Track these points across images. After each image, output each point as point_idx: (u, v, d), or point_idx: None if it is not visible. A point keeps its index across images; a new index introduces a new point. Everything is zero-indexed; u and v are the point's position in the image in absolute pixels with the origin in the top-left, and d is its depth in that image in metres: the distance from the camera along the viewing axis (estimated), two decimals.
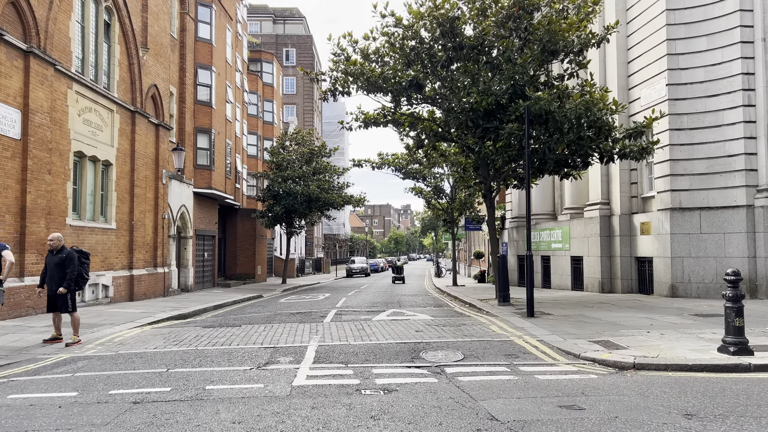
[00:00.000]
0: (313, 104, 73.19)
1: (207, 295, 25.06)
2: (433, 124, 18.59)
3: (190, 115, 28.77)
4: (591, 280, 21.25)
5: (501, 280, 16.70)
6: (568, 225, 23.07)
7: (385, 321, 13.69)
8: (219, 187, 31.05)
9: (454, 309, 17.32)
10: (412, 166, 29.97)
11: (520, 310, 15.58)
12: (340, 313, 16.02)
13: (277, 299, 24.38)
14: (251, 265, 38.50)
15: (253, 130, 43.75)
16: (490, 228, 18.77)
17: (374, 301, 21.01)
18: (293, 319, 14.87)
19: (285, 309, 18.47)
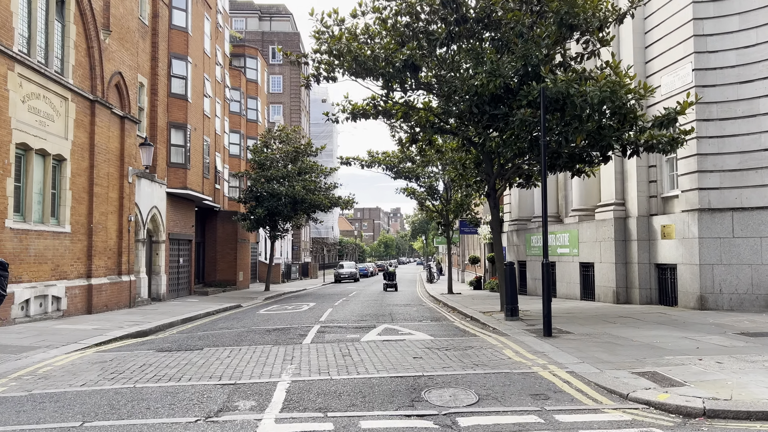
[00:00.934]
0: (301, 104, 70.95)
1: (179, 306, 22.75)
2: (430, 114, 16.46)
3: (163, 108, 26.47)
4: (604, 289, 19.17)
5: (509, 291, 14.56)
6: (576, 228, 21.01)
7: (377, 342, 11.49)
8: (196, 188, 28.74)
9: (454, 324, 15.15)
10: (405, 164, 27.83)
11: (532, 326, 13.44)
12: (323, 331, 13.79)
13: (256, 310, 22.16)
14: (232, 271, 36.17)
15: (236, 128, 41.47)
16: (494, 231, 16.64)
17: (363, 313, 18.80)
18: (267, 338, 12.63)
19: (261, 323, 16.23)
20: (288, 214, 33.45)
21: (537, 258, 24.41)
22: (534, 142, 13.54)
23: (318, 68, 16.28)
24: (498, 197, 16.60)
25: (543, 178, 11.86)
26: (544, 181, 11.93)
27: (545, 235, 11.91)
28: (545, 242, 11.88)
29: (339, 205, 35.12)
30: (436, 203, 29.09)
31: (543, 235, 11.95)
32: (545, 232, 11.91)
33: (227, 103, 38.95)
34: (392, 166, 27.16)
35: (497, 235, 16.65)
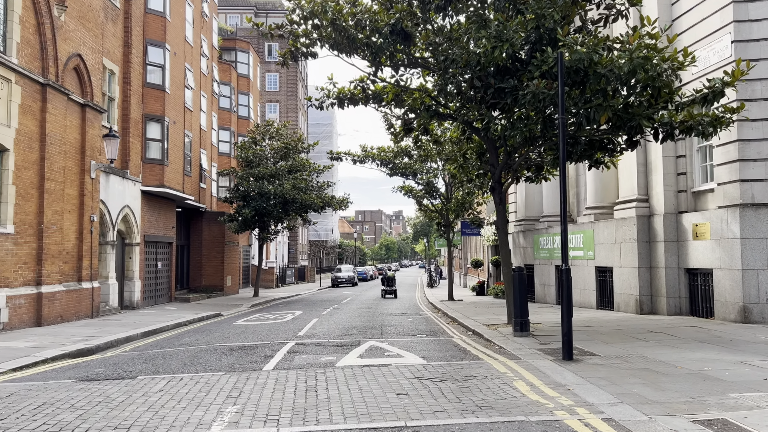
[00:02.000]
0: (298, 102, 68.78)
1: (150, 315, 20.51)
2: (425, 95, 14.20)
3: (138, 99, 24.26)
4: (624, 298, 16.85)
5: (518, 302, 12.27)
6: (591, 228, 18.70)
7: (355, 369, 9.19)
8: (175, 186, 26.51)
9: (453, 340, 12.85)
10: (401, 160, 25.53)
11: (546, 344, 11.15)
12: (295, 350, 11.50)
13: (235, 319, 19.93)
14: (219, 275, 33.91)
15: (226, 125, 39.28)
16: (500, 231, 14.35)
17: (351, 325, 16.52)
18: (224, 361, 10.35)
19: (230, 339, 13.97)
20: (278, 215, 31.19)
21: (546, 262, 22.11)
22: (548, 124, 11.26)
23: (296, 42, 14.05)
24: (504, 192, 14.31)
25: (562, 163, 9.57)
26: (563, 167, 9.64)
27: (564, 233, 9.62)
28: (564, 241, 9.59)
29: (332, 205, 32.82)
30: (436, 202, 26.79)
31: (562, 232, 9.66)
32: (564, 229, 9.62)
33: (215, 97, 36.79)
34: (387, 162, 24.86)
35: (503, 236, 14.36)
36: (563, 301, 9.62)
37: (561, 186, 9.71)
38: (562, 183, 9.69)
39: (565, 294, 9.61)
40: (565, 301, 9.60)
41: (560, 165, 9.58)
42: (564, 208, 9.71)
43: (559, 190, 9.76)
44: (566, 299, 9.61)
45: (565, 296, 9.61)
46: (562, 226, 9.68)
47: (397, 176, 26.16)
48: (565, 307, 9.58)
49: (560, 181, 9.70)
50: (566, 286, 9.61)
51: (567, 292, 9.61)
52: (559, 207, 22.10)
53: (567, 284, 9.62)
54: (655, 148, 16.01)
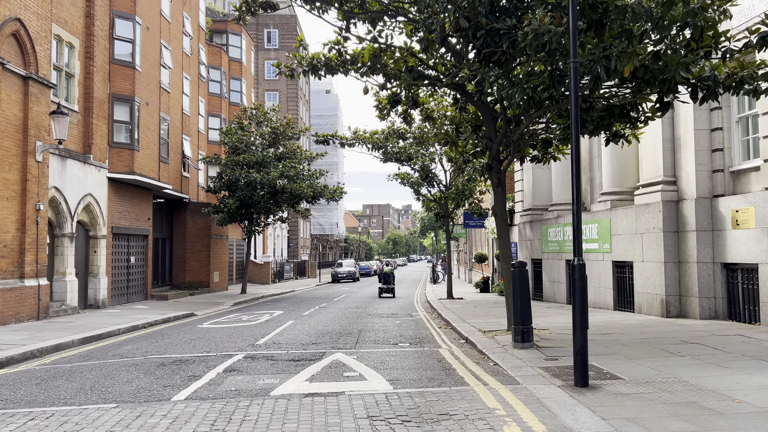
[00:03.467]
0: (299, 92, 66.43)
1: (111, 316, 18.27)
2: (408, 55, 11.76)
3: (103, 76, 21.95)
4: (647, 298, 14.34)
5: (520, 306, 9.82)
6: (607, 217, 16.19)
7: (291, 403, 6.78)
8: (148, 173, 24.22)
9: (440, 353, 10.42)
10: (395, 143, 23.05)
11: (553, 361, 8.70)
12: (235, 368, 9.12)
13: (203, 321, 17.68)
14: (205, 271, 31.62)
15: (216, 111, 36.98)
16: (498, 219, 11.88)
17: (326, 330, 14.15)
18: (134, 384, 8.00)
19: (175, 347, 11.65)
20: (266, 206, 28.84)
21: (555, 256, 19.62)
22: (555, 78, 8.78)
23: None
24: (504, 172, 11.82)
25: (574, 122, 7.12)
26: (576, 127, 7.17)
27: (577, 219, 7.17)
28: (577, 227, 7.13)
29: (324, 195, 30.38)
30: (434, 191, 24.30)
31: (574, 218, 7.21)
32: (578, 211, 7.16)
33: (203, 81, 34.47)
34: (379, 146, 22.38)
35: (503, 224, 11.89)
36: (576, 306, 7.16)
37: (573, 153, 7.24)
38: (575, 150, 7.21)
39: (578, 297, 7.15)
40: (579, 306, 7.14)
41: (572, 124, 7.12)
42: (577, 180, 7.24)
43: (571, 160, 7.29)
44: (579, 304, 7.15)
45: (578, 300, 7.15)
46: (574, 208, 7.22)
47: (392, 162, 23.69)
48: (579, 316, 7.13)
49: (572, 149, 7.23)
50: (579, 286, 7.15)
51: (581, 296, 7.16)
52: (571, 190, 19.63)
53: (581, 284, 7.16)
54: (684, 119, 13.47)
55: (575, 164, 7.27)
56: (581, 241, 7.19)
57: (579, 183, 7.25)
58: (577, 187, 7.24)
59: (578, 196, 7.21)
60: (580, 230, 7.18)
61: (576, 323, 7.14)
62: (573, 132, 7.19)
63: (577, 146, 7.23)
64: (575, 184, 7.23)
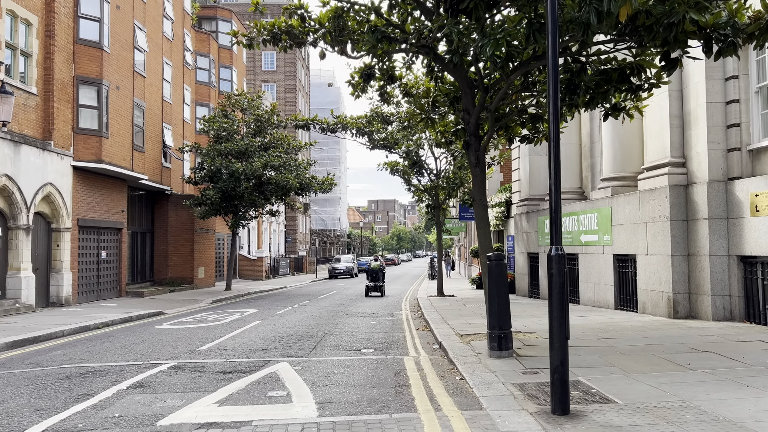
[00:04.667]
0: (297, 83, 64.77)
1: (68, 315, 16.80)
2: (372, 12, 10.13)
3: (66, 57, 20.40)
4: (652, 296, 12.64)
5: (496, 306, 8.19)
6: (608, 205, 14.48)
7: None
8: (119, 162, 22.67)
9: (403, 363, 8.78)
10: (383, 129, 21.36)
11: (533, 375, 7.05)
12: (144, 384, 7.51)
13: (167, 320, 16.31)
14: (188, 266, 30.08)
15: (204, 100, 35.45)
16: (477, 204, 10.20)
17: (289, 332, 12.57)
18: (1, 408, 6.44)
19: (108, 354, 10.12)
20: (251, 198, 27.25)
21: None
22: (534, 26, 7.10)
23: None
24: (483, 150, 10.11)
25: (551, 75, 5.46)
26: (555, 82, 5.51)
27: (555, 196, 5.52)
28: (555, 208, 5.49)
29: (312, 186, 28.74)
30: (425, 181, 22.61)
31: (552, 195, 5.57)
32: (555, 184, 5.52)
33: (188, 68, 32.91)
34: (363, 131, 20.70)
35: (481, 211, 10.21)
36: (553, 309, 5.52)
37: (551, 114, 5.58)
38: (552, 111, 5.56)
39: (556, 298, 5.50)
40: (557, 310, 5.50)
41: (549, 76, 5.46)
42: (556, 155, 5.59)
43: (549, 122, 5.63)
44: (558, 308, 5.50)
45: (556, 302, 5.51)
46: (552, 181, 5.57)
47: (380, 150, 22.04)
48: (557, 323, 5.48)
49: (549, 109, 5.57)
50: (558, 284, 5.51)
51: (559, 296, 5.50)
52: (568, 183, 17.90)
53: (559, 281, 5.52)
54: (695, 91, 11.74)
55: (553, 126, 5.61)
56: (560, 224, 5.54)
57: (558, 148, 5.60)
58: (555, 155, 5.59)
59: (557, 162, 5.56)
60: (559, 210, 5.53)
61: (553, 332, 5.49)
62: (550, 84, 5.53)
63: (555, 104, 5.58)
64: (553, 152, 5.57)
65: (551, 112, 5.63)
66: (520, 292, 20.78)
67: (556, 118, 5.64)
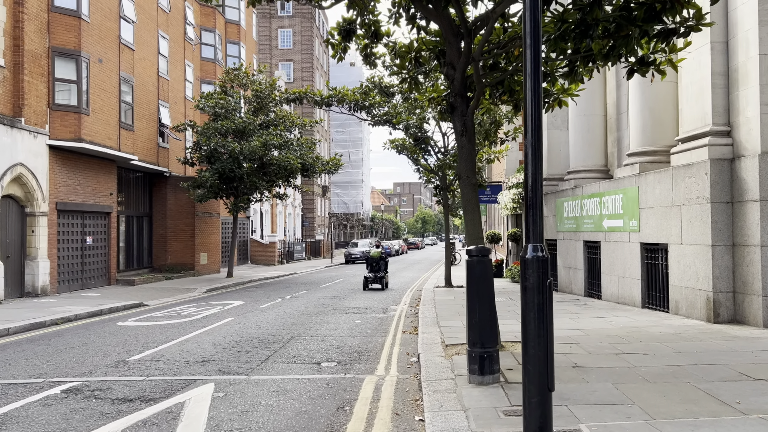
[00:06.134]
0: (315, 62, 62.74)
1: (33, 308, 15.33)
2: None
3: (39, 26, 18.74)
4: (686, 294, 10.46)
5: (478, 316, 6.19)
6: (635, 184, 12.26)
7: None
8: (103, 141, 21.04)
9: (355, 391, 6.83)
10: (384, 102, 19.29)
11: (519, 419, 5.01)
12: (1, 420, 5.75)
13: (141, 314, 14.96)
14: (189, 252, 28.55)
15: (210, 77, 33.67)
16: (464, 183, 8.11)
17: (252, 335, 10.76)
18: None
19: (13, 367, 8.35)
20: (253, 181, 25.46)
21: (572, 235, 15.76)
22: None
23: None
24: (471, 115, 8.03)
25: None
26: (534, 16, 3.45)
27: (534, 166, 3.48)
28: (533, 187, 3.46)
29: (316, 167, 26.81)
30: (432, 160, 20.49)
31: (529, 172, 3.53)
32: (533, 154, 3.48)
33: (189, 43, 31.13)
34: (360, 104, 18.62)
35: (469, 191, 8.13)
36: (528, 344, 3.50)
37: (530, 60, 3.52)
38: (532, 60, 3.50)
39: (532, 330, 3.48)
40: (535, 347, 3.48)
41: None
42: (535, 100, 3.58)
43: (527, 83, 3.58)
44: (536, 342, 3.49)
45: (532, 334, 3.49)
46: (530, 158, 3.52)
47: (382, 126, 19.97)
48: (535, 366, 3.47)
49: (529, 54, 3.52)
50: (536, 303, 3.48)
51: (537, 325, 3.48)
52: (591, 160, 15.70)
53: (539, 300, 3.49)
54: (744, 41, 9.44)
55: (531, 81, 3.56)
56: (538, 211, 3.52)
57: (538, 106, 3.55)
58: (535, 111, 3.54)
59: (537, 128, 3.51)
60: (538, 190, 3.50)
61: (530, 377, 3.48)
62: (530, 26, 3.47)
63: (535, 35, 3.53)
64: (531, 113, 3.52)
65: (528, 56, 3.58)
66: None
67: (536, 63, 3.67)
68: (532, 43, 3.80)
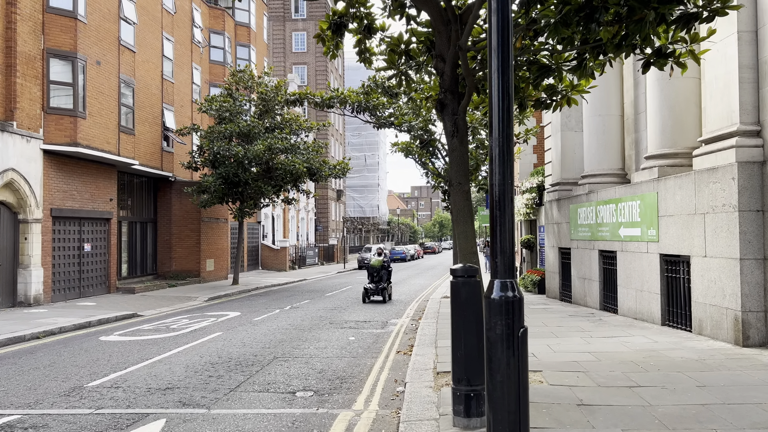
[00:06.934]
0: (329, 65, 62.00)
1: (17, 320, 14.64)
2: None
3: (33, 27, 18.18)
4: (712, 312, 9.41)
5: (462, 348, 5.28)
6: (653, 190, 11.21)
7: None
8: (101, 145, 20.43)
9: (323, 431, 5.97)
10: (390, 104, 18.41)
11: None
12: None
13: (126, 328, 13.99)
14: (195, 258, 27.89)
15: (219, 81, 33.05)
16: (455, 191, 7.12)
17: (234, 355, 9.93)
18: None
19: None
20: (257, 186, 24.72)
21: (586, 244, 14.71)
22: None
23: None
24: (463, 113, 7.10)
25: None
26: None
27: (501, 181, 2.56)
28: (499, 203, 2.53)
29: (322, 173, 25.97)
30: (439, 163, 19.55)
31: (495, 182, 2.61)
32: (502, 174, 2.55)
33: (196, 46, 30.56)
34: (363, 106, 17.75)
35: (461, 199, 7.16)
36: (492, 402, 2.57)
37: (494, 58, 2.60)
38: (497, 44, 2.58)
39: (499, 398, 2.55)
40: (504, 420, 2.54)
41: None
42: (503, 101, 3.07)
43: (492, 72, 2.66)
44: (506, 409, 2.55)
45: (499, 403, 2.55)
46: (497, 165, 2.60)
47: (387, 128, 19.10)
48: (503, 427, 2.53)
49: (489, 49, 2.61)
50: (503, 363, 2.55)
51: (506, 391, 2.55)
52: (607, 164, 14.69)
53: (507, 361, 2.55)
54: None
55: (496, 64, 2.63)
56: (509, 233, 2.60)
57: (509, 106, 2.63)
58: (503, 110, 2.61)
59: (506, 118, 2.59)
60: (507, 205, 2.58)
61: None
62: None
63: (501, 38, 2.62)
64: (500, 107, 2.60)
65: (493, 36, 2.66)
66: (551, 294, 17.62)
67: (504, 44, 3.04)
68: (499, 25, 2.89)
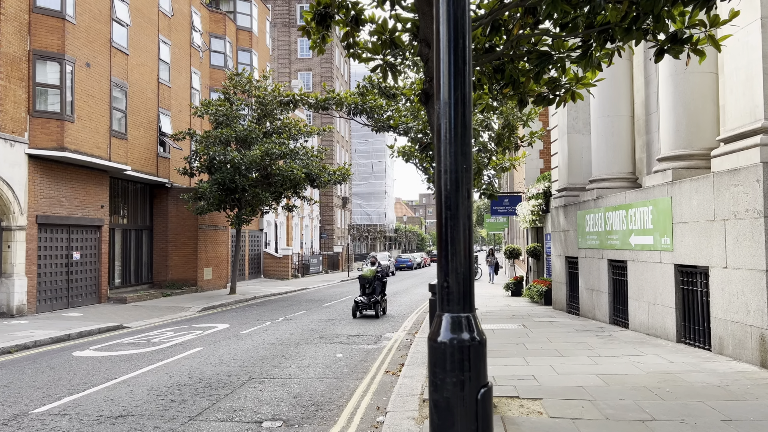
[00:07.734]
0: (335, 71, 61.43)
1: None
2: None
3: (19, 28, 17.55)
4: (734, 330, 8.47)
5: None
6: (667, 194, 10.30)
7: None
8: (91, 150, 19.73)
9: None
10: (389, 105, 17.61)
11: None
12: None
13: (106, 342, 13.27)
14: (192, 266, 27.12)
15: (220, 86, 32.41)
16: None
17: (208, 375, 9.10)
18: None
19: None
20: (256, 192, 23.96)
21: (594, 253, 13.77)
22: None
23: None
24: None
25: None
26: None
27: (446, 185, 1.73)
28: (444, 210, 1.73)
29: (321, 179, 25.15)
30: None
31: (441, 188, 1.79)
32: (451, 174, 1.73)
33: (195, 50, 29.94)
34: (359, 108, 16.92)
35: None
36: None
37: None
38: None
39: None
40: None
41: None
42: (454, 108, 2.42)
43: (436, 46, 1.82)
44: None
45: None
46: (443, 165, 1.76)
47: (386, 132, 18.26)
48: None
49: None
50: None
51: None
52: (617, 167, 13.79)
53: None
54: None
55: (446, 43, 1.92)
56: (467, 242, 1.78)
57: (464, 46, 1.78)
58: (455, 51, 1.76)
59: (460, 68, 1.74)
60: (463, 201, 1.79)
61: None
62: None
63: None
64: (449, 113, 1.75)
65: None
66: (557, 305, 16.68)
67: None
68: None
